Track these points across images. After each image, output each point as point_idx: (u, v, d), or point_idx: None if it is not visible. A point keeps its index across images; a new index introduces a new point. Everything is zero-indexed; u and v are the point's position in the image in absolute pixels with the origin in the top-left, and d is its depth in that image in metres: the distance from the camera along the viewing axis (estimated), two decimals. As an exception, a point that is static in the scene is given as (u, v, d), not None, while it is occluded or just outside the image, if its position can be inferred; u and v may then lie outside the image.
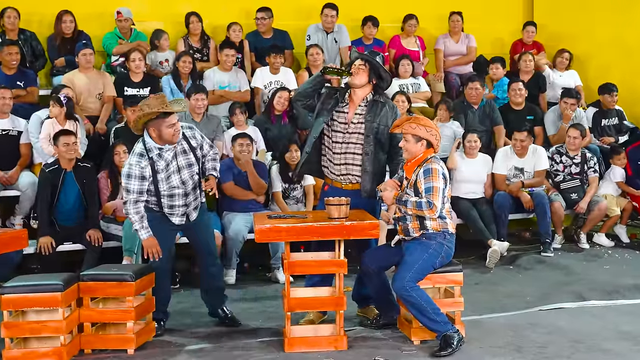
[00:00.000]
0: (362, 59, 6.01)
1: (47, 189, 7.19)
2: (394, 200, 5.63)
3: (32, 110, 8.16)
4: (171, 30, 9.56)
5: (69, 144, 7.17)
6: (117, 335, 5.67)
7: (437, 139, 5.65)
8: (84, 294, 5.63)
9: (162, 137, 5.63)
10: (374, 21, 10.06)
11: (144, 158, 5.64)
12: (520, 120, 9.20)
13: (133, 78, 8.72)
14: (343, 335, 5.57)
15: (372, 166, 5.97)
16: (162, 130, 5.60)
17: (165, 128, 5.60)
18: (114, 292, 5.64)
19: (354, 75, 5.96)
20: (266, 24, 9.73)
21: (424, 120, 5.70)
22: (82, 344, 5.61)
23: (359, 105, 6.02)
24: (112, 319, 5.67)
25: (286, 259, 5.59)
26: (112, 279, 5.62)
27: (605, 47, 10.57)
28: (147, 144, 5.67)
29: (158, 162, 5.66)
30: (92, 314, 5.63)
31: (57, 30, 9.06)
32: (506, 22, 11.16)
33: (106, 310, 5.68)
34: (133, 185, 5.62)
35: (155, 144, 5.66)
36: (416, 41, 10.34)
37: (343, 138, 6.00)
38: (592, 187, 8.82)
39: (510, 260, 8.21)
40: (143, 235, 5.69)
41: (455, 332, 5.42)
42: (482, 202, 8.50)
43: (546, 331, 5.86)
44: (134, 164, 5.63)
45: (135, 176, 5.62)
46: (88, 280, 5.64)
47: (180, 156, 5.76)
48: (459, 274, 5.69)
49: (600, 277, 7.49)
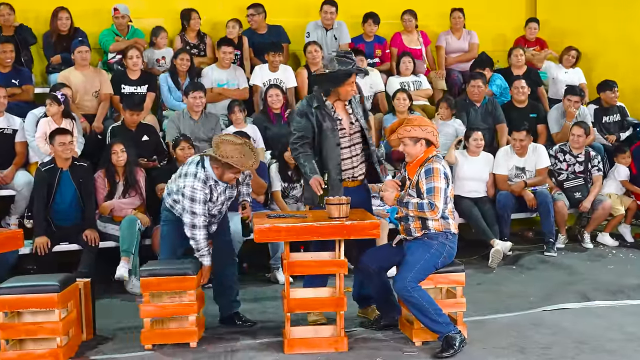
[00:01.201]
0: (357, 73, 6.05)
1: (43, 188, 7.20)
2: (395, 201, 5.63)
3: (27, 109, 8.16)
4: (168, 27, 9.57)
5: (65, 143, 7.17)
6: (180, 329, 5.73)
7: (435, 135, 5.66)
8: (144, 290, 5.68)
9: (222, 178, 5.80)
10: (375, 18, 10.07)
11: (207, 186, 5.77)
12: (523, 118, 9.21)
13: (130, 76, 8.73)
14: (343, 336, 5.57)
15: (373, 155, 6.20)
16: (224, 174, 5.77)
17: (228, 174, 5.77)
18: (176, 287, 5.70)
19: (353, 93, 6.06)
20: (258, 20, 9.74)
21: (417, 120, 5.71)
22: (142, 340, 5.65)
23: (346, 105, 6.13)
24: (174, 313, 5.72)
25: (286, 259, 5.59)
26: (175, 273, 5.68)
27: (609, 44, 10.57)
28: (207, 171, 5.77)
29: (213, 192, 5.81)
30: (154, 310, 5.66)
31: (53, 27, 9.06)
32: (508, 18, 11.17)
33: (168, 305, 5.72)
34: (199, 209, 5.72)
35: (214, 175, 5.79)
36: (418, 38, 10.34)
37: (350, 141, 6.10)
38: (596, 186, 8.82)
39: (513, 260, 8.21)
40: (206, 262, 5.85)
41: (458, 333, 5.41)
42: (485, 201, 8.51)
43: (550, 332, 5.86)
44: (199, 189, 5.71)
45: (200, 201, 5.72)
46: (148, 276, 5.69)
47: (228, 190, 5.94)
48: (461, 274, 5.69)
49: (605, 277, 7.49)
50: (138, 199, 7.57)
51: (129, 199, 7.52)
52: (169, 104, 8.87)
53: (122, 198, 7.52)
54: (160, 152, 8.15)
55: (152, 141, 8.15)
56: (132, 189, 7.52)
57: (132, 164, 7.54)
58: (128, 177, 7.49)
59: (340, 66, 5.92)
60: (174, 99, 8.82)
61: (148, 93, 8.74)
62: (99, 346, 5.84)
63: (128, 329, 6.17)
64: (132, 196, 7.53)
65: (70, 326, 5.60)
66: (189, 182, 5.72)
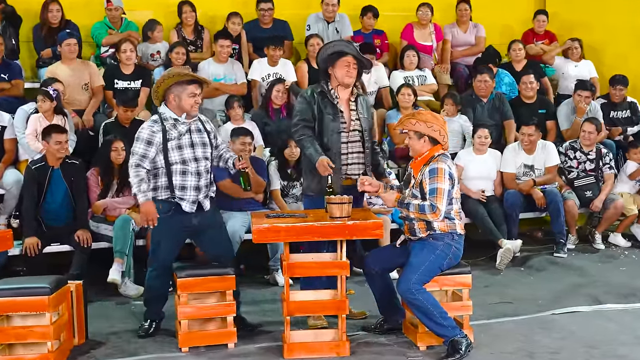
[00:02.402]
0: (356, 59, 6.08)
1: (33, 187, 7.19)
2: (395, 203, 5.62)
3: (17, 104, 8.15)
4: (163, 20, 9.54)
5: (62, 142, 7.16)
6: (219, 330, 5.78)
7: (442, 135, 5.61)
8: (182, 290, 5.73)
9: (182, 105, 5.76)
10: (374, 12, 10.04)
11: (157, 124, 5.77)
12: (531, 114, 9.20)
13: (123, 70, 8.71)
14: (345, 340, 5.56)
15: (369, 160, 6.21)
16: (182, 98, 5.75)
17: (186, 96, 5.75)
18: (216, 287, 5.77)
19: (349, 76, 6.06)
20: (270, 14, 9.72)
21: (425, 115, 5.69)
22: (180, 342, 5.71)
23: (351, 101, 6.14)
24: (214, 314, 5.79)
25: (285, 261, 5.58)
26: (214, 273, 5.75)
27: (620, 36, 10.57)
28: (163, 113, 5.80)
29: (171, 131, 5.77)
30: (192, 311, 5.72)
31: (43, 20, 9.03)
32: (516, 10, 11.16)
33: (206, 306, 5.77)
34: (138, 148, 5.72)
35: (171, 113, 5.79)
36: (431, 33, 10.25)
37: (347, 137, 6.09)
38: (608, 184, 8.81)
39: (522, 262, 8.20)
40: (141, 198, 5.71)
41: (464, 337, 5.41)
42: (492, 200, 8.49)
43: (559, 336, 5.85)
44: (145, 128, 5.77)
45: (142, 140, 5.72)
46: (186, 277, 5.74)
47: (195, 133, 5.87)
48: (467, 275, 5.68)
49: (616, 279, 7.49)
50: (132, 198, 7.52)
51: (122, 198, 7.51)
52: (164, 99, 8.84)
53: (116, 197, 7.51)
54: (155, 149, 8.13)
55: (147, 138, 8.12)
56: (126, 187, 7.50)
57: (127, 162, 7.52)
58: (122, 175, 7.48)
59: (342, 45, 6.11)
60: (170, 94, 8.80)
61: (142, 88, 8.71)
62: (91, 351, 5.83)
63: (121, 333, 6.17)
64: (126, 195, 7.52)
65: (62, 330, 5.59)
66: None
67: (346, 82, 6.08)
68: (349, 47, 6.14)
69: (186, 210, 5.81)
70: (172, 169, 5.77)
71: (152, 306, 6.10)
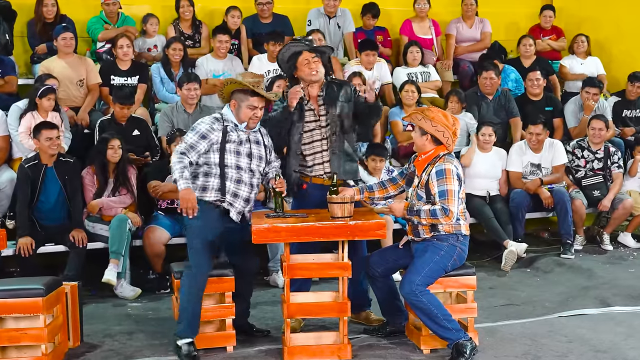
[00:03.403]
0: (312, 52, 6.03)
1: (26, 186, 7.17)
2: (404, 211, 5.60)
3: (10, 101, 8.14)
4: (160, 14, 9.55)
5: (52, 139, 7.14)
6: (217, 333, 5.76)
7: (446, 137, 5.54)
8: None
9: (240, 114, 5.75)
10: (373, 12, 10.02)
11: (219, 122, 5.74)
12: (538, 111, 9.18)
13: (120, 66, 8.71)
14: (347, 343, 5.55)
15: (341, 146, 6.08)
16: (242, 107, 5.73)
17: (245, 106, 5.73)
18: (214, 288, 5.75)
19: (314, 72, 5.99)
20: (269, 9, 9.72)
21: (432, 112, 5.63)
22: None
23: (319, 95, 6.09)
24: (212, 316, 5.77)
25: (285, 262, 5.57)
26: (212, 275, 5.70)
27: (629, 32, 10.56)
28: (225, 114, 5.79)
29: (231, 133, 5.74)
30: None
31: (38, 15, 9.02)
32: (523, 5, 11.18)
33: (204, 308, 5.73)
34: (189, 138, 5.67)
35: (232, 117, 5.77)
36: (430, 27, 10.29)
37: (322, 134, 6.06)
38: (616, 183, 8.80)
39: (528, 263, 8.20)
40: (182, 184, 5.53)
41: (468, 340, 5.40)
42: (498, 200, 8.48)
43: (566, 339, 5.84)
44: (205, 122, 5.74)
45: (198, 131, 5.67)
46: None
47: (254, 144, 5.84)
48: (472, 277, 5.67)
49: (625, 281, 7.48)
50: (129, 197, 7.55)
51: (119, 197, 7.51)
52: (161, 96, 8.86)
53: (112, 196, 7.50)
54: (152, 147, 8.14)
55: (144, 136, 8.13)
56: (123, 186, 7.50)
57: (124, 161, 7.52)
58: (119, 174, 7.48)
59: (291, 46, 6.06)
60: (167, 90, 8.81)
61: (139, 84, 8.72)
62: (86, 354, 5.82)
63: (117, 336, 6.16)
64: (123, 194, 7.52)
65: (56, 333, 5.58)
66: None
67: (315, 79, 6.02)
68: (299, 45, 6.07)
69: (233, 218, 5.75)
70: (227, 171, 5.70)
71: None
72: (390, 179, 5.95)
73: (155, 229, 7.39)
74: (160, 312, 6.82)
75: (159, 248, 7.39)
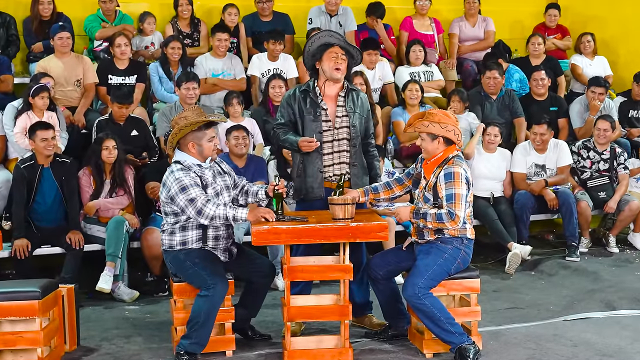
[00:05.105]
0: (344, 49, 5.98)
1: (22, 186, 7.17)
2: (411, 215, 5.59)
3: (6, 100, 8.14)
4: (158, 12, 9.55)
5: (48, 139, 7.14)
6: (216, 337, 5.70)
7: (456, 134, 5.58)
8: (178, 296, 5.71)
9: (203, 152, 5.60)
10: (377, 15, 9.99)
11: (187, 170, 5.53)
12: (542, 111, 9.18)
13: (118, 65, 8.70)
14: (348, 347, 5.55)
15: (360, 159, 6.08)
16: (203, 145, 5.58)
17: (206, 142, 5.59)
18: None
19: (338, 68, 5.93)
20: (270, 7, 9.72)
21: (437, 115, 5.62)
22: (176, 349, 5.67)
23: (340, 96, 6.05)
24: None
25: (286, 264, 5.57)
26: None
27: (636, 31, 10.56)
28: (185, 162, 5.58)
29: (204, 177, 5.59)
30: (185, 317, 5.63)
31: (34, 13, 9.02)
32: (527, 3, 11.16)
33: None
34: (192, 193, 5.44)
35: (193, 159, 5.60)
36: (431, 23, 10.31)
37: (332, 136, 6.02)
38: (623, 185, 8.80)
39: (532, 266, 8.20)
40: (243, 215, 5.44)
41: (472, 344, 5.40)
42: (502, 201, 8.48)
43: (572, 343, 5.84)
44: (182, 176, 5.47)
45: (189, 185, 5.45)
46: (182, 282, 5.72)
47: (218, 177, 5.74)
48: (475, 280, 5.68)
49: (631, 284, 7.48)
50: (126, 198, 7.55)
51: (116, 198, 7.51)
52: (159, 95, 8.86)
53: (109, 197, 7.49)
54: (150, 147, 8.14)
55: (142, 136, 8.13)
56: (120, 187, 7.50)
57: (121, 161, 7.52)
58: (116, 175, 7.47)
59: (325, 35, 5.97)
60: (165, 90, 8.81)
61: (137, 84, 8.72)
62: (83, 358, 5.82)
63: (114, 339, 6.16)
64: (120, 195, 7.51)
65: (52, 336, 5.58)
66: (170, 181, 5.52)
67: (335, 76, 5.95)
68: (335, 37, 6.00)
69: (221, 259, 5.72)
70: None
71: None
72: (397, 179, 5.94)
73: (154, 231, 7.38)
74: (158, 315, 6.81)
75: (157, 250, 7.37)
